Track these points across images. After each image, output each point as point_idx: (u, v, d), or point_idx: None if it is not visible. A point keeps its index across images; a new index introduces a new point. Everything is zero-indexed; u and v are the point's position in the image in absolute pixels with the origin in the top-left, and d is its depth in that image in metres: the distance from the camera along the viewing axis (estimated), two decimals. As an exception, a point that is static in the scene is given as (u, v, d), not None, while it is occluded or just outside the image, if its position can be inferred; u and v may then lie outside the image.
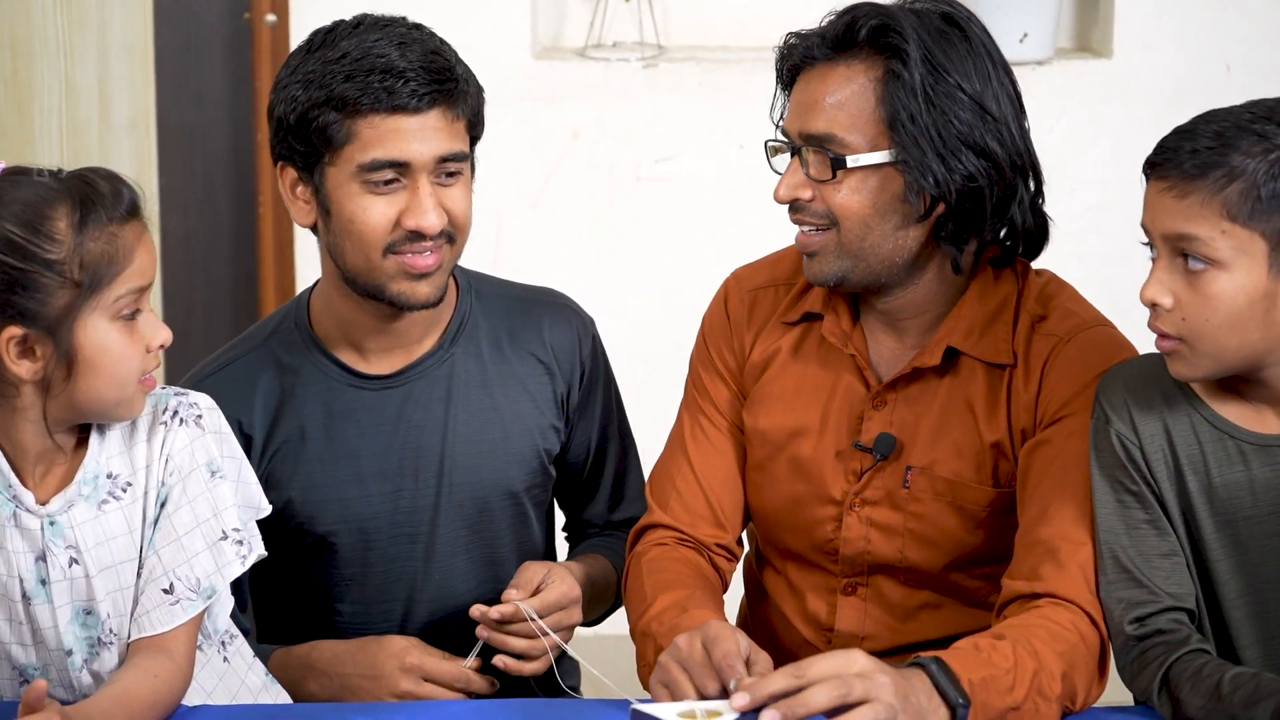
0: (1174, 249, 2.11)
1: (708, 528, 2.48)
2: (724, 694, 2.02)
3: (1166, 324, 2.13)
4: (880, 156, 2.28)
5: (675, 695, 2.06)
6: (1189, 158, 2.09)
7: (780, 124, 2.38)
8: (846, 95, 2.31)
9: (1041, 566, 2.26)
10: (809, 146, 2.30)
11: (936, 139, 2.29)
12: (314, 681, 2.43)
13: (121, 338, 2.11)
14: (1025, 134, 2.36)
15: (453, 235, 2.42)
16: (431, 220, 2.38)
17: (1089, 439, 2.30)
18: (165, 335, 2.15)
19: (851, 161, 2.28)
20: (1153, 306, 2.12)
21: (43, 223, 2.07)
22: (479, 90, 2.47)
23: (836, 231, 2.31)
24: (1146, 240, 2.16)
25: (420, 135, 2.40)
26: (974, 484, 2.38)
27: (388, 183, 2.39)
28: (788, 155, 2.34)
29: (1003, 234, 2.38)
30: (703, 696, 2.05)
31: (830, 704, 1.91)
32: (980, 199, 2.30)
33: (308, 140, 2.40)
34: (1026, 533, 2.31)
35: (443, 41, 2.45)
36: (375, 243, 2.39)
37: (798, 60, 2.36)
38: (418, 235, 2.38)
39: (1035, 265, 2.45)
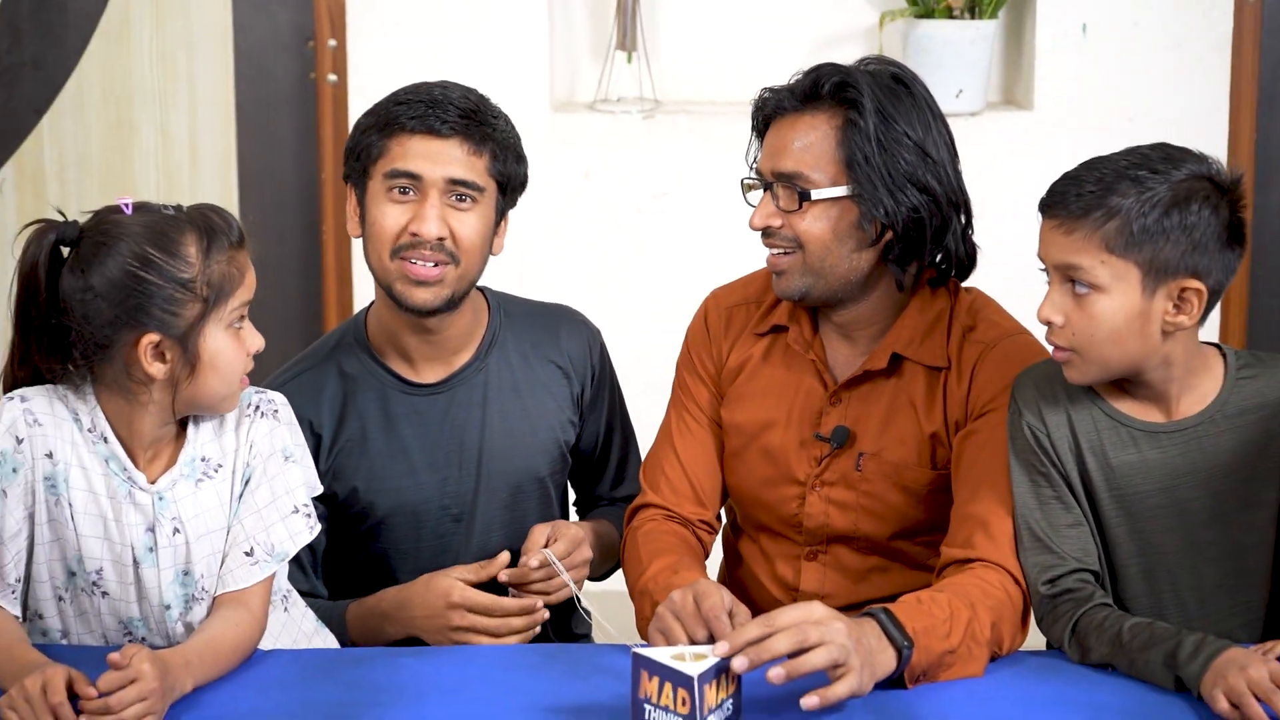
0: (1064, 276, 2.16)
1: (691, 506, 2.49)
2: (710, 640, 2.04)
3: (1060, 338, 2.18)
4: (839, 191, 2.31)
5: (670, 641, 2.07)
6: (1075, 200, 2.14)
7: (754, 165, 2.40)
8: (811, 140, 2.33)
9: (974, 536, 2.28)
10: (779, 183, 2.33)
11: (886, 177, 2.31)
12: (391, 626, 2.45)
13: (232, 344, 2.14)
14: (959, 175, 2.39)
15: (455, 255, 2.42)
16: (430, 229, 2.39)
17: (1007, 430, 2.31)
18: (261, 342, 2.18)
19: (815, 195, 2.31)
20: (1048, 324, 2.16)
21: (177, 248, 2.10)
22: (509, 145, 2.47)
23: (802, 253, 2.33)
24: (1042, 268, 2.17)
25: (437, 156, 2.41)
26: (915, 467, 2.40)
27: (403, 191, 2.41)
28: (761, 190, 2.36)
29: (939, 259, 2.40)
30: (693, 642, 2.06)
31: (791, 648, 1.93)
32: (922, 228, 2.33)
33: (358, 159, 2.45)
34: (960, 508, 2.32)
35: (486, 98, 2.47)
36: (386, 243, 2.42)
37: (770, 111, 2.39)
38: (420, 242, 2.37)
39: (964, 284, 2.48)
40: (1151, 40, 3.92)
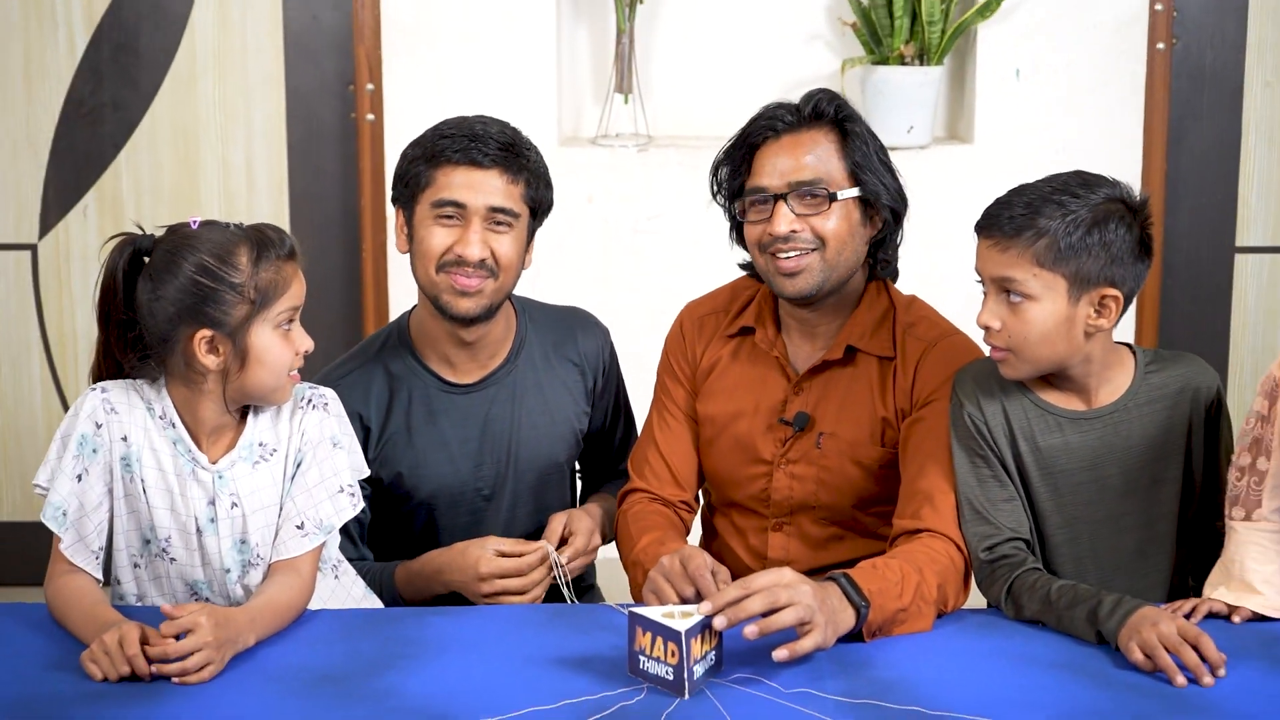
0: (999, 287, 2.17)
1: (672, 489, 2.51)
2: (696, 599, 2.05)
3: (998, 341, 2.19)
4: (854, 191, 2.34)
5: (661, 599, 2.10)
6: (1007, 222, 2.15)
7: (749, 185, 2.38)
8: (822, 152, 2.35)
9: (921, 510, 2.28)
10: (796, 192, 2.32)
11: (881, 172, 2.36)
12: (433, 585, 2.45)
13: (279, 342, 2.14)
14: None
15: (495, 271, 2.41)
16: (473, 252, 2.39)
17: (949, 418, 2.32)
18: (309, 343, 2.19)
19: (841, 195, 2.32)
20: (986, 329, 2.17)
21: (230, 257, 2.11)
22: (540, 174, 2.47)
23: (821, 251, 2.33)
24: (979, 280, 2.19)
25: (479, 187, 2.40)
26: (868, 444, 2.41)
27: (449, 217, 2.40)
28: (771, 202, 2.34)
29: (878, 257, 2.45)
30: (682, 600, 2.07)
31: (764, 608, 1.93)
32: (898, 219, 2.43)
33: (407, 185, 2.43)
34: (908, 485, 2.33)
35: (520, 132, 2.47)
36: (432, 259, 2.40)
37: (759, 137, 2.37)
38: (460, 262, 2.37)
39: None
40: (1076, 83, 3.92)
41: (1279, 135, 4.10)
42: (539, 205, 2.49)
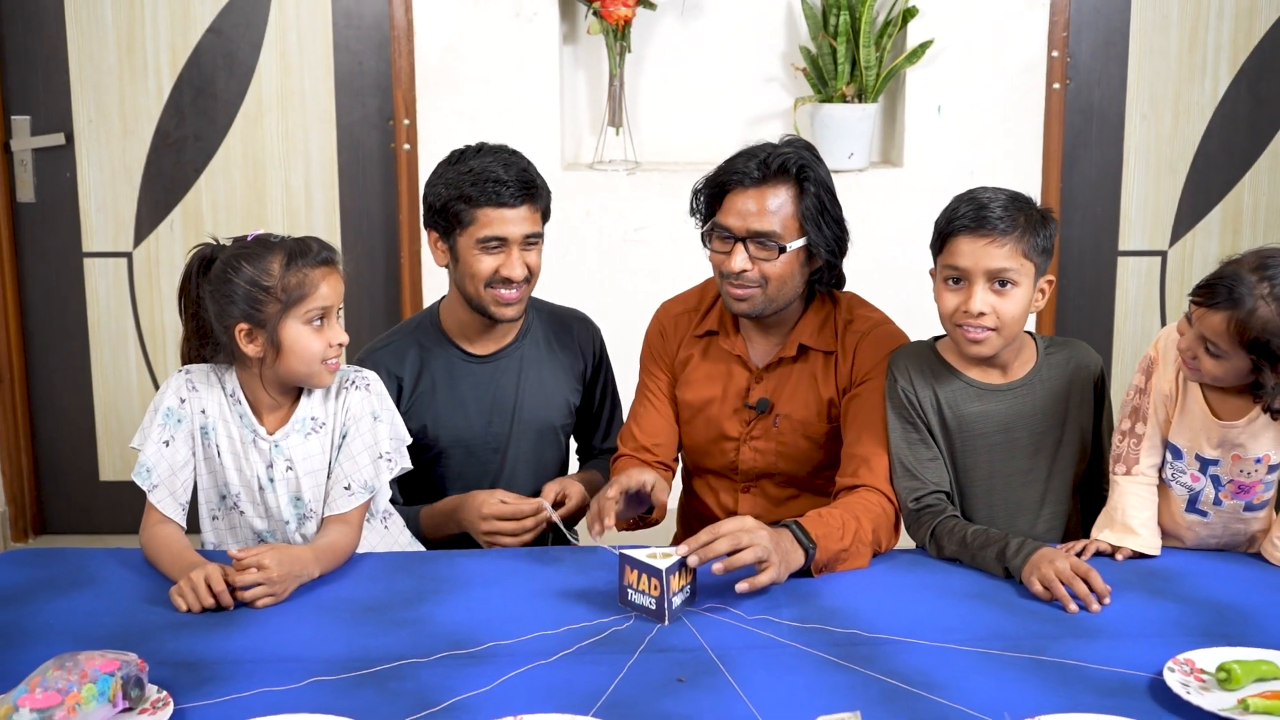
0: (991, 277, 2.13)
1: (649, 454, 2.49)
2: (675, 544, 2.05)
3: (986, 323, 2.17)
4: (800, 242, 2.29)
5: (620, 485, 2.24)
6: (999, 222, 2.12)
7: (717, 221, 2.34)
8: (779, 205, 2.30)
9: (859, 470, 2.28)
10: (753, 239, 2.29)
11: (826, 228, 2.31)
12: (448, 524, 2.45)
13: (309, 335, 2.12)
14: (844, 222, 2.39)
15: (530, 279, 2.44)
16: (518, 273, 2.41)
17: (884, 392, 2.32)
18: (342, 338, 2.16)
19: (789, 247, 2.28)
20: (979, 315, 2.13)
21: (264, 264, 2.10)
22: (549, 194, 2.47)
23: (764, 288, 2.30)
24: (954, 277, 2.17)
25: (515, 221, 2.40)
26: (816, 422, 2.40)
27: (494, 249, 2.39)
28: (731, 242, 2.31)
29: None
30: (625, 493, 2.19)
31: (729, 549, 1.94)
32: (840, 257, 2.38)
33: (447, 219, 2.44)
34: (848, 449, 2.33)
35: (528, 160, 2.46)
36: (481, 280, 2.41)
37: (729, 183, 2.33)
38: (508, 281, 2.39)
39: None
40: (987, 117, 3.92)
41: (1153, 159, 4.10)
42: (547, 218, 2.52)
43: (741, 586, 1.97)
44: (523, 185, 2.41)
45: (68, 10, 3.97)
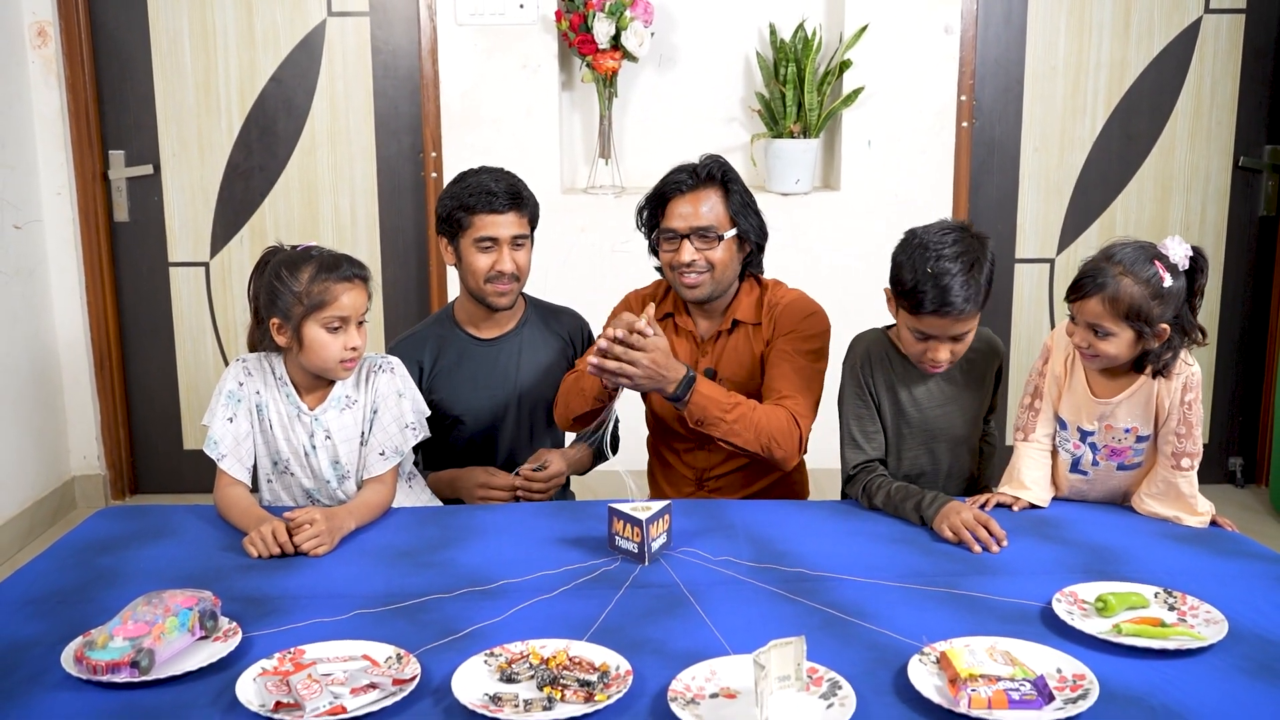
0: (952, 339, 2.14)
1: None
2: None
3: (944, 364, 2.16)
4: (732, 231, 2.29)
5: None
6: (963, 305, 2.08)
7: (663, 226, 2.35)
8: (711, 204, 2.31)
9: (776, 398, 2.26)
10: (696, 234, 2.28)
11: (749, 218, 2.32)
12: (448, 489, 2.44)
13: (326, 338, 2.09)
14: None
15: (518, 276, 2.42)
16: (508, 267, 2.40)
17: (795, 344, 2.29)
18: (356, 342, 2.12)
19: (725, 235, 2.28)
20: (942, 362, 2.12)
21: (297, 272, 2.08)
22: (536, 204, 2.46)
23: (711, 272, 2.29)
24: (922, 335, 2.13)
25: (504, 225, 2.39)
26: (751, 381, 2.38)
27: (487, 248, 2.38)
28: (678, 240, 2.31)
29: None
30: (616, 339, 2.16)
31: (621, 354, 2.10)
32: (763, 243, 2.37)
33: (451, 225, 2.45)
34: (767, 385, 2.31)
35: (518, 178, 2.45)
36: (480, 276, 2.40)
37: (668, 193, 2.34)
38: (500, 275, 2.36)
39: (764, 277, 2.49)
40: (908, 149, 3.91)
41: (1043, 183, 4.10)
42: (535, 223, 2.50)
43: (591, 359, 2.10)
44: (510, 195, 2.42)
45: (154, 62, 3.95)
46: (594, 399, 2.29)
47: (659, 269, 2.49)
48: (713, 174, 2.33)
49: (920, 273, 2.04)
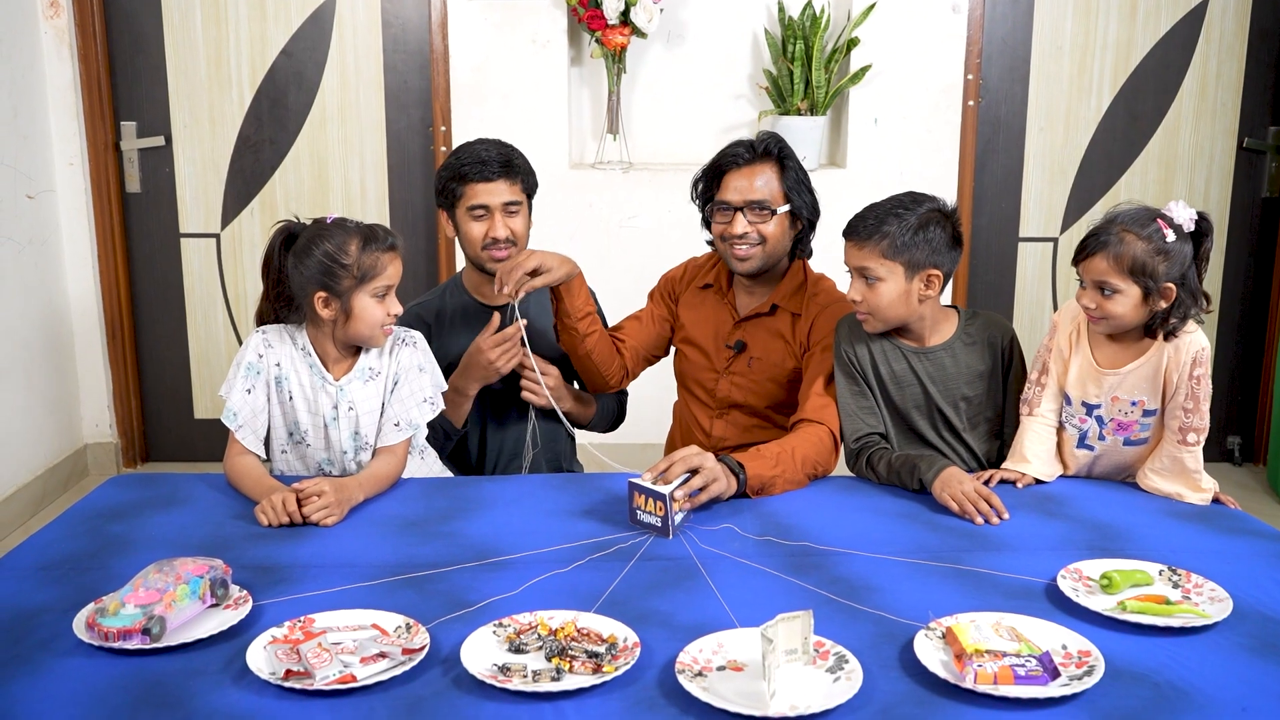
0: (860, 273, 2.12)
1: (615, 334, 2.51)
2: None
3: (861, 309, 2.13)
4: (785, 207, 2.29)
5: None
6: (863, 229, 2.09)
7: (718, 198, 2.34)
8: (766, 179, 2.31)
9: (808, 407, 2.27)
10: (750, 208, 2.29)
11: (805, 194, 2.32)
12: (461, 381, 2.44)
13: (374, 306, 2.09)
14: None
15: (514, 240, 2.41)
16: (500, 233, 2.39)
17: (832, 353, 2.29)
18: (398, 309, 2.13)
19: (778, 210, 2.28)
20: (854, 301, 2.10)
21: (346, 245, 2.06)
22: (531, 172, 2.44)
23: (763, 246, 2.30)
24: (847, 269, 2.14)
25: (495, 192, 2.38)
26: (780, 367, 2.39)
27: (480, 216, 2.37)
28: (731, 212, 2.31)
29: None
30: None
31: (684, 470, 1.93)
32: (815, 221, 2.37)
33: (447, 196, 2.43)
34: (804, 392, 2.31)
35: (514, 147, 2.43)
36: (477, 243, 2.40)
37: (727, 165, 2.32)
38: (495, 241, 2.36)
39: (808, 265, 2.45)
40: (914, 127, 3.89)
41: (1047, 163, 4.07)
42: (531, 191, 2.48)
43: (687, 494, 1.95)
44: (501, 163, 2.40)
45: (165, 34, 3.92)
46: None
47: (710, 243, 2.47)
48: (769, 150, 2.33)
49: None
